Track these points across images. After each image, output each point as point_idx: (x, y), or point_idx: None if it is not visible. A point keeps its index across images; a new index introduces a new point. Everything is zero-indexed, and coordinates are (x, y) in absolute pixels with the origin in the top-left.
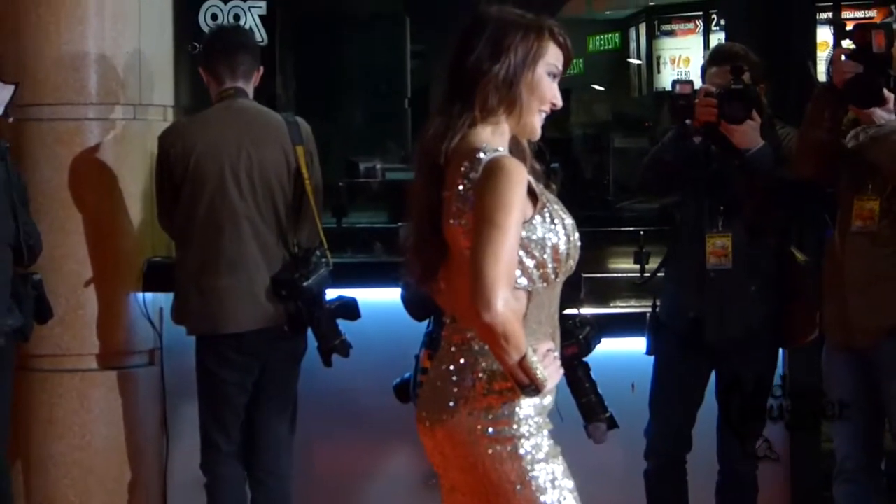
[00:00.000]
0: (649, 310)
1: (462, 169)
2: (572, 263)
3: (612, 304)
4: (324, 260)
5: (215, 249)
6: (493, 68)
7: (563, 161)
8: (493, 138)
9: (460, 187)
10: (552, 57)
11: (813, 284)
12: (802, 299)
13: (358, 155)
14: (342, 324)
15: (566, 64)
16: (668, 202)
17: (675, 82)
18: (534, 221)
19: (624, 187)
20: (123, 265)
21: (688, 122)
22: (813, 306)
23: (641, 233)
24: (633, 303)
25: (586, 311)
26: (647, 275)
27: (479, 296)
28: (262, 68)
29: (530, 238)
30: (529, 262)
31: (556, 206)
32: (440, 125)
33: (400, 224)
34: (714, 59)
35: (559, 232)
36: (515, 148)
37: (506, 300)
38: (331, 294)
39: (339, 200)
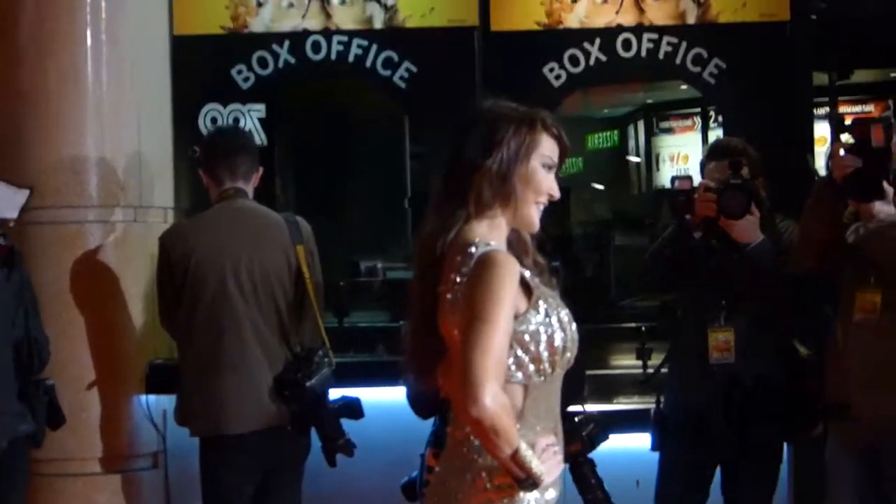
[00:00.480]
0: (653, 405)
1: (455, 264)
2: (570, 357)
3: (616, 401)
4: (326, 359)
5: (217, 350)
6: (485, 162)
7: (564, 259)
8: (489, 232)
9: (454, 282)
10: (546, 149)
11: (816, 378)
12: (806, 393)
13: (359, 254)
14: (346, 423)
15: (562, 155)
16: (669, 298)
17: (674, 178)
18: (528, 315)
19: (625, 284)
20: (126, 367)
21: (687, 217)
22: (816, 400)
23: (643, 329)
24: (636, 399)
25: (590, 408)
26: (651, 371)
27: (466, 390)
28: (261, 169)
29: (525, 331)
30: (524, 356)
31: (551, 300)
32: (436, 222)
33: (401, 323)
34: (713, 153)
35: (554, 325)
36: (517, 240)
37: (494, 394)
38: (334, 394)
39: (340, 300)
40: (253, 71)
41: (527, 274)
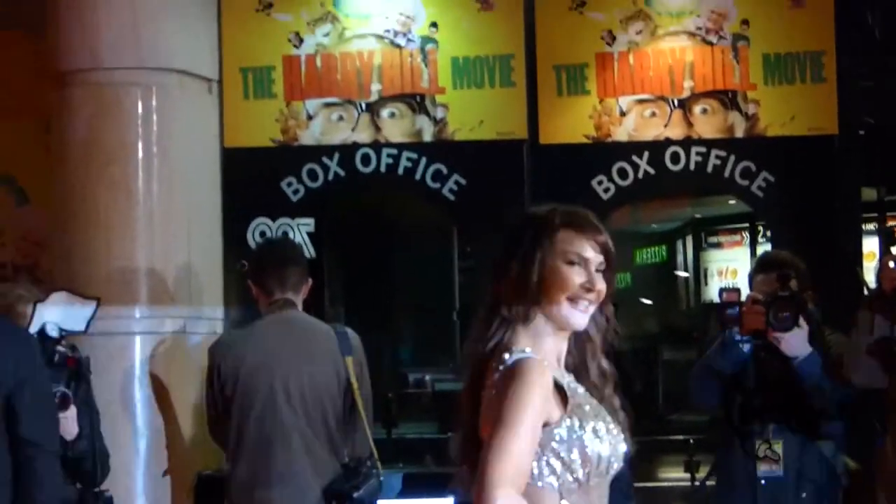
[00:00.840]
0: None
1: (492, 370)
2: (605, 468)
3: None
4: (374, 470)
5: (266, 462)
6: (508, 269)
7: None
8: (531, 339)
9: (488, 385)
10: (566, 243)
11: (866, 491)
12: None
13: (407, 366)
14: None
15: (602, 248)
16: (717, 413)
17: (722, 290)
18: (562, 422)
19: (673, 398)
20: (175, 479)
21: (735, 329)
22: None
23: (691, 441)
24: None
25: None
26: (698, 483)
27: (478, 493)
28: (311, 281)
29: (559, 439)
30: (556, 464)
31: (588, 408)
32: (478, 329)
33: (449, 434)
34: (761, 266)
35: (587, 434)
36: (581, 344)
37: (507, 497)
38: None
39: (389, 411)
40: (303, 183)
41: (565, 381)
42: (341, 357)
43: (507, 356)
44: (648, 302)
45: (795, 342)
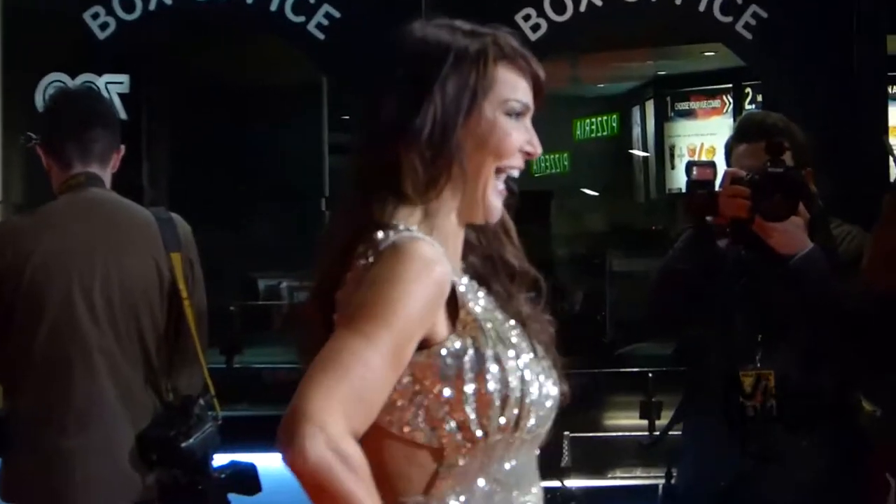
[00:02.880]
0: (662, 480)
1: (356, 255)
2: (517, 421)
3: (610, 474)
4: (211, 413)
5: (59, 396)
6: (412, 124)
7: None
8: (418, 221)
9: (347, 279)
10: (508, 86)
11: (886, 440)
12: (871, 459)
13: (257, 270)
14: (236, 499)
15: (537, 90)
16: (682, 334)
17: (691, 164)
18: (449, 346)
19: (626, 322)
20: None
21: (709, 219)
22: (884, 467)
23: (650, 375)
24: (639, 472)
25: (573, 483)
26: (658, 433)
27: (284, 425)
28: (123, 148)
29: (442, 367)
30: (434, 406)
31: (489, 327)
32: (346, 219)
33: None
34: (743, 132)
35: (489, 366)
36: (491, 240)
37: (333, 438)
38: (220, 459)
39: (231, 331)
40: (114, 15)
41: (461, 286)
42: (164, 252)
43: (380, 235)
44: (593, 193)
45: (791, 235)
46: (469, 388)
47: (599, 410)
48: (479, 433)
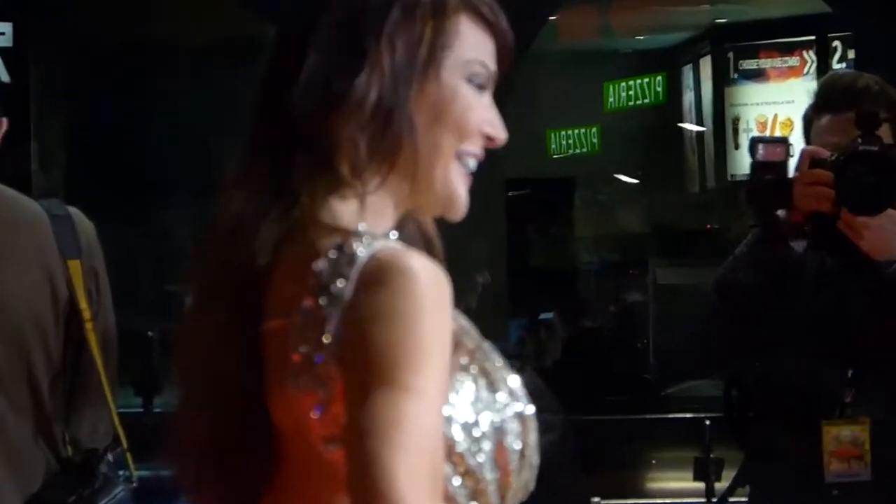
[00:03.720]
0: None
1: (308, 276)
2: (528, 477)
3: None
4: (122, 472)
5: None
6: (352, 89)
7: (562, 307)
8: (365, 218)
9: (305, 309)
10: (470, 45)
11: None
12: None
13: (182, 283)
14: None
15: (502, 55)
16: (750, 376)
17: (756, 141)
18: (455, 386)
19: (675, 352)
20: None
21: (781, 214)
22: None
23: (707, 423)
24: None
25: None
26: (716, 499)
27: None
28: (5, 122)
29: (452, 417)
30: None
31: (496, 362)
32: (249, 208)
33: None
34: (827, 100)
35: (502, 402)
36: (420, 239)
37: None
38: None
39: (149, 363)
40: None
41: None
42: (60, 260)
43: (355, 246)
44: (629, 180)
45: (888, 234)
46: (487, 432)
47: (640, 469)
48: (492, 496)
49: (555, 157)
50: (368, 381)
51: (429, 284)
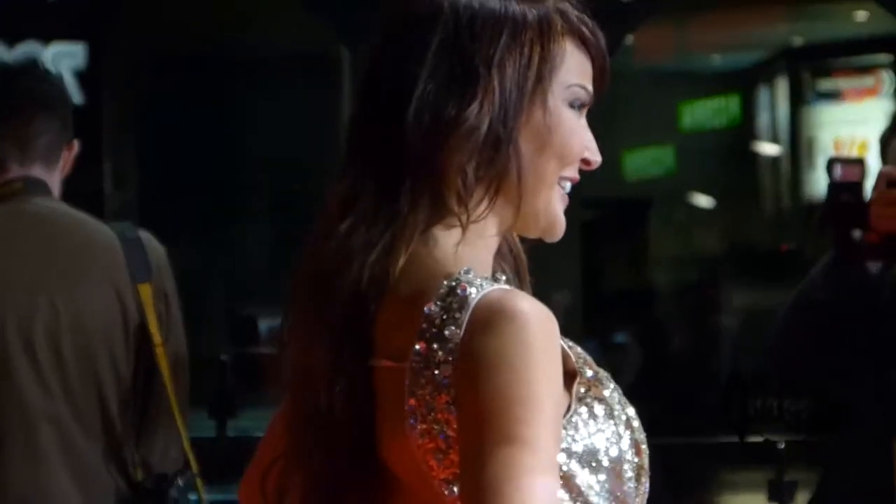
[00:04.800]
0: None
1: (420, 316)
2: (645, 489)
3: None
4: (193, 496)
5: None
6: (466, 118)
7: (639, 328)
8: (467, 251)
9: (418, 352)
10: (572, 68)
11: None
12: None
13: (257, 305)
14: None
15: (601, 77)
16: (826, 397)
17: (833, 161)
18: (572, 418)
19: (752, 372)
20: None
21: (856, 234)
22: None
23: (780, 446)
24: None
25: None
26: None
27: None
28: (76, 145)
29: (570, 448)
30: (565, 496)
31: (612, 390)
32: (357, 237)
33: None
34: None
35: (618, 432)
36: (509, 254)
37: None
38: None
39: (222, 388)
40: None
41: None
42: (131, 284)
43: (461, 291)
44: (706, 201)
45: None
46: (604, 454)
47: (713, 492)
48: None
49: (629, 179)
50: (483, 434)
51: (539, 327)
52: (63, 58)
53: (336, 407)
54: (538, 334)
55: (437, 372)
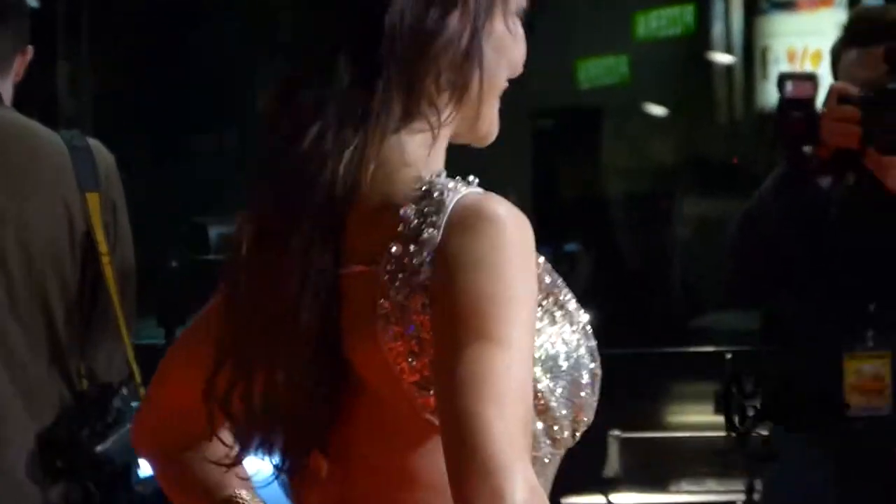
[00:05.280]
0: (741, 496)
1: (395, 219)
2: (597, 396)
3: (673, 488)
4: (136, 405)
5: None
6: (443, 23)
7: (589, 239)
8: (433, 155)
9: (394, 255)
10: None
11: None
12: None
13: (207, 213)
14: None
15: None
16: (775, 308)
17: (784, 77)
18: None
19: (700, 284)
20: None
21: (807, 149)
22: None
23: (728, 356)
24: (712, 485)
25: (622, 499)
26: (738, 433)
27: (480, 488)
28: (30, 49)
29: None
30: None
31: (568, 297)
32: (326, 135)
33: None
34: (854, 33)
35: (576, 338)
36: None
37: (530, 484)
38: (146, 468)
39: (170, 295)
40: None
41: None
42: (78, 193)
43: (439, 192)
44: (659, 111)
45: None
46: (563, 364)
47: (661, 402)
48: (567, 433)
49: (583, 87)
50: (460, 332)
51: (516, 231)
52: None
53: (302, 312)
54: (516, 237)
55: (413, 274)
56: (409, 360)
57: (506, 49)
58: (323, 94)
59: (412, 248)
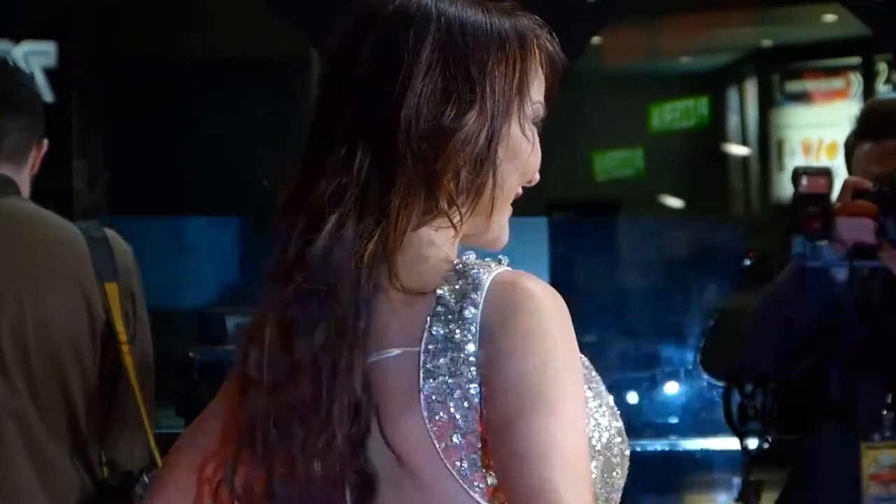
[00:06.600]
0: None
1: (432, 300)
2: (621, 478)
3: None
4: None
5: None
6: (461, 122)
7: (606, 333)
8: (452, 245)
9: (435, 334)
10: (536, 86)
11: None
12: None
13: (223, 302)
14: None
15: (549, 94)
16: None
17: (799, 172)
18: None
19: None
20: None
21: (822, 244)
22: None
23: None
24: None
25: None
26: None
27: None
28: (46, 143)
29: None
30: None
31: (598, 379)
32: (345, 227)
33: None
34: (867, 126)
35: (606, 419)
36: None
37: None
38: None
39: (189, 385)
40: None
41: None
42: (97, 283)
43: (474, 272)
44: (675, 203)
45: None
46: (600, 438)
47: (680, 494)
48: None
49: (599, 179)
50: (518, 407)
51: (556, 305)
52: (34, 56)
53: (334, 404)
54: (556, 310)
55: (457, 351)
56: (454, 435)
57: (521, 154)
58: (342, 185)
59: (453, 326)
